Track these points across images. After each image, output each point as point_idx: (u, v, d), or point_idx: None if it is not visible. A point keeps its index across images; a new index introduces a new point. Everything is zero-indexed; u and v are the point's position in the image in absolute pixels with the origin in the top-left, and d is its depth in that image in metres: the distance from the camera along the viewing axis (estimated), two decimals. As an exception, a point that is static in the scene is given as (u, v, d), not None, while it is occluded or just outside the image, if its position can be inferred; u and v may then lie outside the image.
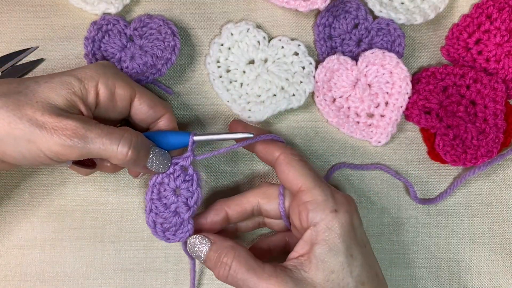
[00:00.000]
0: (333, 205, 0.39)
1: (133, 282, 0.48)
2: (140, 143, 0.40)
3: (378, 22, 0.49)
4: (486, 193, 0.49)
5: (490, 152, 0.47)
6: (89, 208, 0.49)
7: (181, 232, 0.44)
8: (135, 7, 0.51)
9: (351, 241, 0.39)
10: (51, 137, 0.37)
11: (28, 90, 0.39)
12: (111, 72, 0.42)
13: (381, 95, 0.49)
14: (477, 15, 0.50)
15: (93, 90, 0.41)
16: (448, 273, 0.48)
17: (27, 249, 0.48)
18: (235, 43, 0.50)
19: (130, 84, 0.43)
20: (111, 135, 0.39)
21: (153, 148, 0.42)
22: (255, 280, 0.38)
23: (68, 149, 0.38)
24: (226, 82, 0.50)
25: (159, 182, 0.44)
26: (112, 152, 0.39)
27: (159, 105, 0.44)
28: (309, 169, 0.41)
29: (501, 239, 0.49)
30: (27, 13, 0.51)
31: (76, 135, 0.37)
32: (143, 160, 0.41)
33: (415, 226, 0.49)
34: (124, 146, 0.39)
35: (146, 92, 0.44)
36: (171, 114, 0.45)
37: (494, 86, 0.48)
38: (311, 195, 0.40)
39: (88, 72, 0.41)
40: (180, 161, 0.43)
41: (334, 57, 0.48)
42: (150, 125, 0.45)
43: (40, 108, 0.38)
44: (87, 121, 0.39)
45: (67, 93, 0.39)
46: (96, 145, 0.38)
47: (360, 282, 0.38)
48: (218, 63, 0.50)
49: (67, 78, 0.40)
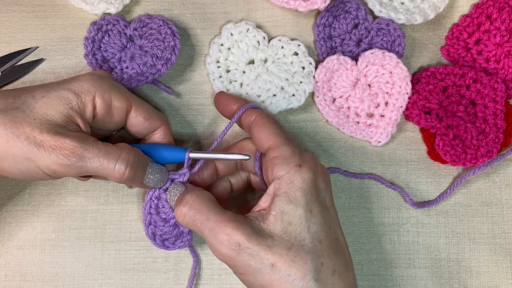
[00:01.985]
0: (298, 160, 0.40)
1: (133, 282, 0.48)
2: (138, 161, 0.40)
3: (378, 22, 0.49)
4: (486, 193, 0.49)
5: (490, 152, 0.47)
6: (89, 208, 0.49)
7: (181, 241, 0.45)
8: (135, 7, 0.51)
9: (312, 198, 0.39)
10: (49, 156, 0.37)
11: (25, 106, 0.39)
12: (107, 84, 0.42)
13: (381, 95, 0.49)
14: (477, 15, 0.50)
15: (90, 104, 0.41)
16: (448, 273, 0.48)
17: (27, 249, 0.48)
18: (235, 43, 0.50)
19: (126, 96, 0.43)
20: (108, 154, 0.39)
21: (150, 164, 0.42)
22: (213, 223, 0.38)
23: (66, 168, 0.38)
24: (226, 82, 0.50)
25: (156, 196, 0.44)
26: (110, 171, 0.39)
27: (155, 117, 0.44)
28: (281, 130, 0.42)
29: (501, 239, 0.49)
30: (27, 13, 0.51)
31: (74, 155, 0.38)
32: (140, 177, 0.41)
33: (415, 226, 0.49)
34: (122, 165, 0.39)
35: (142, 103, 0.44)
36: (166, 126, 0.45)
37: (494, 86, 0.48)
38: (278, 151, 0.40)
39: (85, 85, 0.41)
40: (177, 177, 0.43)
41: (334, 57, 0.48)
42: (145, 136, 0.45)
43: (38, 126, 0.38)
44: (85, 140, 0.39)
45: (65, 108, 0.39)
46: (93, 165, 0.38)
47: (317, 240, 0.38)
48: (218, 63, 0.50)
49: (64, 93, 0.40)
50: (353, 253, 0.48)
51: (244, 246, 0.37)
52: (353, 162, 0.50)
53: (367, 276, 0.48)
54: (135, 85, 0.47)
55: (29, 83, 0.50)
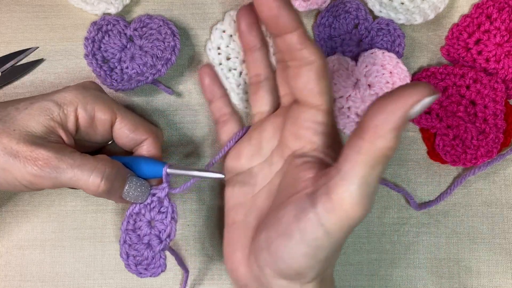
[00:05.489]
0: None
1: (133, 282, 0.48)
2: (115, 174, 0.39)
3: (378, 22, 0.49)
4: (486, 193, 0.49)
5: (490, 152, 0.47)
6: (89, 208, 0.49)
7: (153, 267, 0.43)
8: (135, 7, 0.51)
9: None
10: (24, 167, 0.37)
11: (8, 118, 0.39)
12: (91, 95, 0.41)
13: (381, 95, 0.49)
14: (477, 15, 0.50)
15: (72, 115, 0.40)
16: (448, 273, 0.48)
17: (27, 249, 0.48)
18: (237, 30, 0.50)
19: (110, 107, 0.42)
20: (83, 166, 0.38)
21: (130, 178, 0.41)
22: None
23: (40, 179, 0.37)
24: (226, 70, 0.49)
25: (136, 212, 0.43)
26: (84, 183, 0.38)
27: (141, 129, 0.43)
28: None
29: (501, 239, 0.49)
30: (27, 13, 0.51)
31: (48, 165, 0.37)
32: (118, 191, 0.40)
33: (416, 226, 0.49)
34: (97, 177, 0.38)
35: (128, 115, 0.43)
36: (154, 138, 0.44)
37: (494, 86, 0.48)
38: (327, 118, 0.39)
39: (68, 96, 0.40)
40: (157, 192, 0.42)
41: (334, 57, 0.49)
42: (133, 148, 0.44)
43: (17, 137, 0.38)
44: (61, 151, 0.38)
45: (46, 119, 0.39)
46: (68, 175, 0.38)
47: None
48: (218, 50, 0.50)
49: (46, 104, 0.40)
50: (353, 253, 0.48)
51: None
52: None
53: (367, 276, 0.48)
54: (135, 85, 0.46)
55: (29, 83, 0.50)
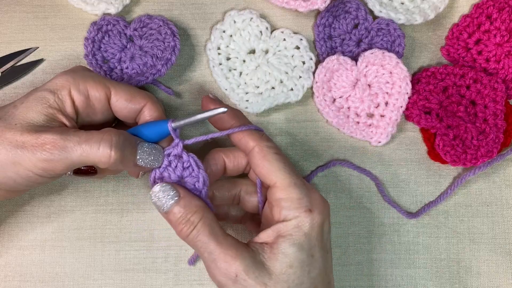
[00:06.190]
0: (308, 204, 0.39)
1: (133, 283, 0.48)
2: (123, 142, 0.39)
3: (378, 22, 0.49)
4: (486, 193, 0.49)
5: (490, 152, 0.47)
6: (89, 208, 0.49)
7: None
8: (135, 8, 0.51)
9: (316, 242, 0.39)
10: (33, 155, 0.37)
11: (7, 115, 0.39)
12: (80, 76, 0.41)
13: (381, 95, 0.49)
14: (477, 15, 0.50)
15: (68, 98, 0.40)
16: (448, 273, 0.48)
17: (27, 249, 0.48)
18: (237, 31, 0.50)
19: (102, 83, 0.42)
20: (89, 140, 0.38)
21: (141, 144, 0.40)
22: (215, 246, 0.38)
23: (52, 163, 0.37)
24: (226, 70, 0.49)
25: (158, 177, 0.42)
26: (95, 157, 0.38)
27: (137, 96, 0.42)
28: (284, 164, 0.40)
29: (501, 239, 0.49)
30: (27, 14, 0.51)
31: (56, 147, 0.37)
32: (131, 159, 0.39)
33: (416, 226, 0.49)
34: (106, 148, 0.37)
35: (121, 86, 0.43)
36: (152, 102, 0.43)
37: (494, 86, 0.48)
38: (286, 193, 0.39)
39: (58, 82, 0.41)
40: (172, 150, 0.41)
41: (334, 57, 0.48)
42: (135, 119, 0.44)
43: (19, 129, 0.38)
44: (65, 132, 0.38)
45: (43, 107, 0.39)
46: (77, 152, 0.37)
47: (313, 285, 0.38)
48: (218, 50, 0.50)
49: (40, 94, 0.40)
50: (353, 253, 0.48)
51: (241, 278, 0.37)
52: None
53: (367, 276, 0.48)
54: (135, 85, 0.46)
55: (29, 83, 0.50)
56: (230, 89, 0.49)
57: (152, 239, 0.48)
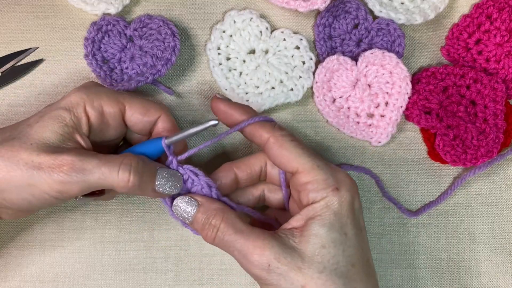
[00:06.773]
0: (334, 182, 0.39)
1: (133, 283, 0.48)
2: (142, 166, 0.39)
3: (378, 22, 0.49)
4: (486, 193, 0.49)
5: (490, 152, 0.47)
6: (89, 208, 0.49)
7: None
8: (135, 8, 0.51)
9: (347, 220, 0.38)
10: (50, 176, 0.37)
11: (21, 135, 0.38)
12: (94, 92, 0.41)
13: (381, 95, 0.49)
14: (477, 15, 0.50)
15: (83, 115, 0.40)
16: (448, 273, 0.48)
17: (27, 249, 0.48)
18: (237, 31, 0.50)
19: (116, 99, 0.42)
20: (109, 163, 0.37)
21: (161, 169, 0.40)
22: (243, 241, 0.38)
23: (68, 185, 0.37)
24: (226, 70, 0.49)
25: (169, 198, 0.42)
26: (113, 181, 0.37)
27: (151, 109, 0.43)
28: (302, 149, 0.40)
29: (501, 239, 0.49)
30: (27, 14, 0.51)
31: (74, 169, 0.37)
32: (149, 185, 0.39)
33: (416, 226, 0.49)
34: (125, 172, 0.37)
35: (135, 100, 0.43)
36: (166, 114, 0.43)
37: (494, 86, 0.48)
38: (310, 176, 0.39)
39: (73, 99, 0.40)
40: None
41: (334, 58, 0.48)
42: (149, 130, 0.44)
43: (35, 149, 0.37)
44: (83, 153, 0.38)
45: (60, 126, 0.39)
46: (95, 176, 0.37)
47: (350, 263, 0.38)
48: (218, 50, 0.50)
49: (56, 112, 0.39)
50: (353, 253, 0.48)
51: (274, 266, 0.37)
52: (353, 162, 0.50)
53: (367, 276, 0.48)
54: (135, 85, 0.47)
55: (29, 83, 0.50)
56: (230, 89, 0.49)
57: (152, 239, 0.48)
